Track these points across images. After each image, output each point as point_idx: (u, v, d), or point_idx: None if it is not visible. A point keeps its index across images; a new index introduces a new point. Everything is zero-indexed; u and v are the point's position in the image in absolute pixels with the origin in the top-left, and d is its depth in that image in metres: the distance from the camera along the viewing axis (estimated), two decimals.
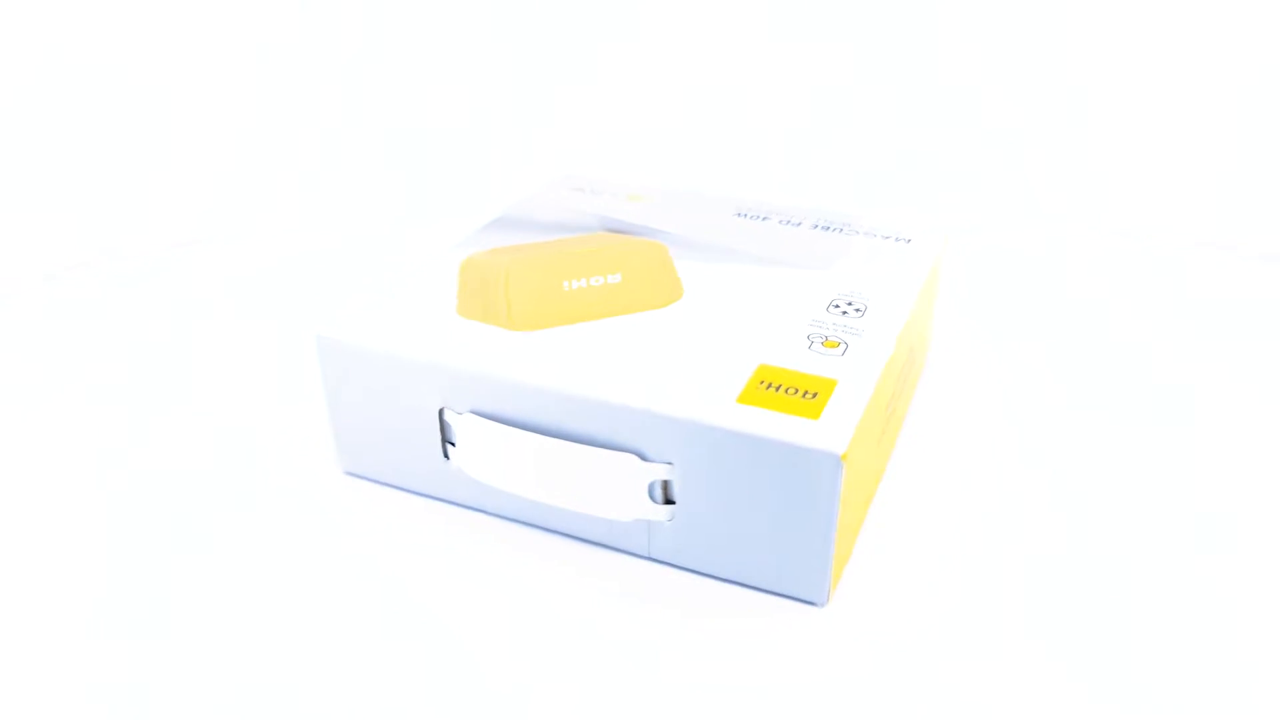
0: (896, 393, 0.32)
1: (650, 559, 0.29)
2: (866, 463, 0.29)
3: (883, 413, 0.30)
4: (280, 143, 0.62)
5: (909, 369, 0.34)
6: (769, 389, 0.27)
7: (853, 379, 0.28)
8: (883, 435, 0.31)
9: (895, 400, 0.32)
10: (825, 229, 0.38)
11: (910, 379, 0.35)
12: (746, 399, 0.27)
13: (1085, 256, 0.50)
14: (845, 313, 0.31)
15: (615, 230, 0.37)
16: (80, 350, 0.41)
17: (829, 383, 0.28)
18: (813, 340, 0.30)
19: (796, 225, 0.38)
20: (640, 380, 0.28)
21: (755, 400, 0.27)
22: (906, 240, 0.37)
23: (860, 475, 0.28)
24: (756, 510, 0.27)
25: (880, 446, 0.31)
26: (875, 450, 0.30)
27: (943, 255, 0.37)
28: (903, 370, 0.32)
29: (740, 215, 0.39)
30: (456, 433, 0.30)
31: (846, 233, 0.37)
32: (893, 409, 0.32)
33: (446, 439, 0.30)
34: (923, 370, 0.39)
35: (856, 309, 0.32)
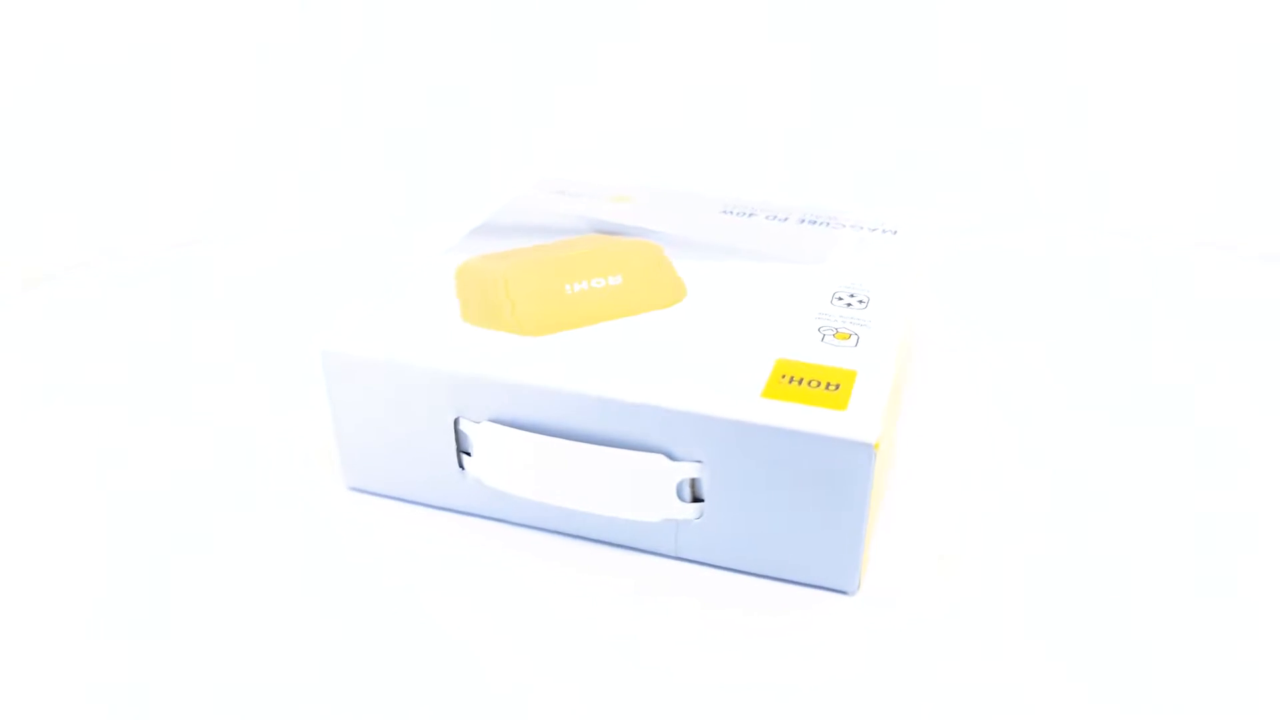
0: (900, 383, 0.32)
1: (677, 558, 0.29)
2: (886, 451, 0.29)
3: (896, 403, 0.30)
4: (279, 143, 0.62)
5: (908, 359, 0.34)
6: (791, 382, 0.28)
7: (870, 369, 0.28)
8: (894, 425, 0.31)
9: (900, 390, 0.32)
10: (812, 223, 0.38)
11: (908, 370, 0.35)
12: (771, 393, 0.27)
13: (1085, 256, 0.50)
14: (849, 305, 0.32)
15: (606, 232, 0.37)
16: (80, 350, 0.41)
17: (849, 374, 0.28)
18: (824, 333, 0.30)
19: (783, 221, 0.39)
20: (662, 380, 0.28)
21: (779, 394, 0.27)
22: (893, 232, 0.38)
23: (882, 463, 0.28)
24: (786, 503, 0.27)
25: (892, 435, 0.31)
26: (890, 439, 0.30)
27: (931, 246, 0.37)
28: (906, 361, 0.33)
29: (726, 213, 0.39)
30: (473, 442, 0.29)
31: (834, 227, 0.38)
32: (897, 399, 0.32)
33: (461, 449, 0.30)
34: (918, 362, 0.39)
35: (860, 301, 0.32)
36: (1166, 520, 0.31)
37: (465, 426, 0.29)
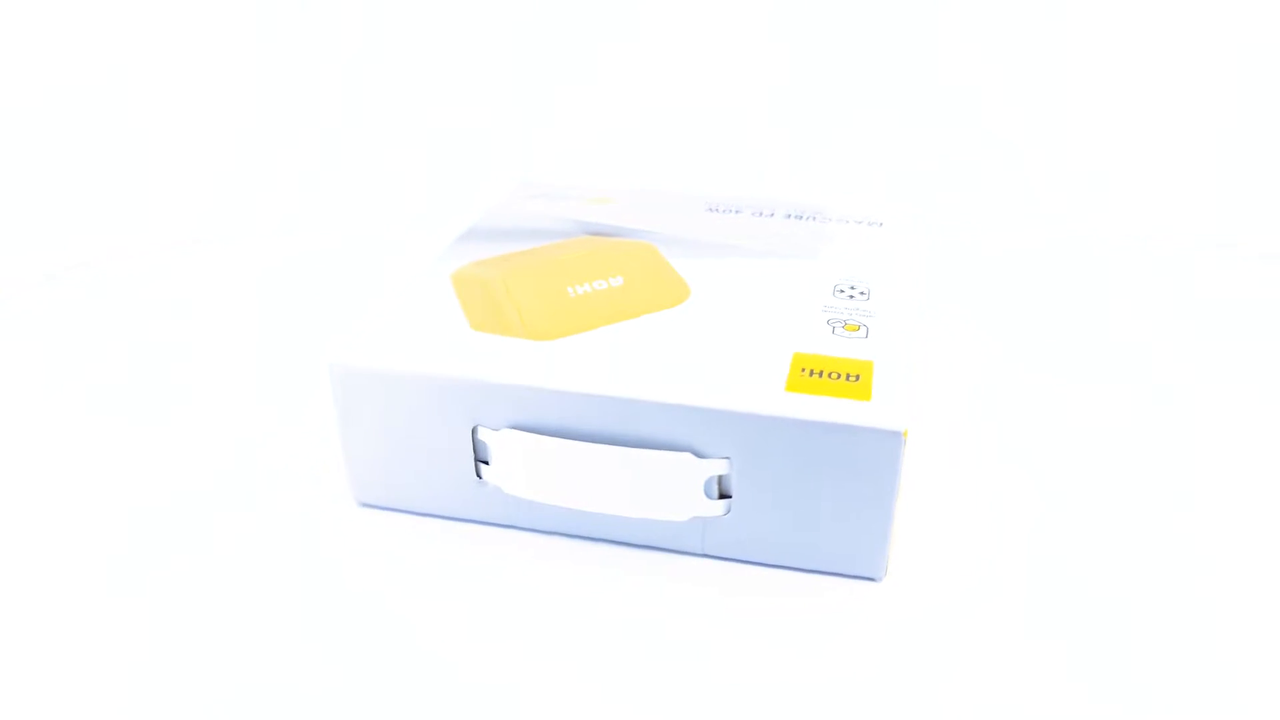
0: None
1: (704, 555, 0.29)
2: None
3: None
4: (279, 143, 0.62)
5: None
6: (811, 375, 0.28)
7: (886, 360, 0.29)
8: None
9: None
10: (799, 218, 0.39)
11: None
12: (794, 387, 0.27)
13: (1085, 256, 0.50)
14: (852, 297, 0.32)
15: (596, 233, 0.37)
16: (80, 351, 0.41)
17: (866, 364, 0.28)
18: (833, 326, 0.31)
19: (769, 216, 0.39)
20: (683, 378, 0.28)
21: (803, 388, 0.27)
22: (879, 224, 0.38)
23: None
24: (815, 494, 0.27)
25: None
26: None
27: (921, 238, 0.38)
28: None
29: (712, 210, 0.40)
30: (492, 450, 0.29)
31: (820, 220, 0.39)
32: None
33: (479, 458, 0.29)
34: (919, 358, 0.39)
35: (861, 293, 0.33)
36: (1166, 520, 0.31)
37: (484, 435, 0.29)
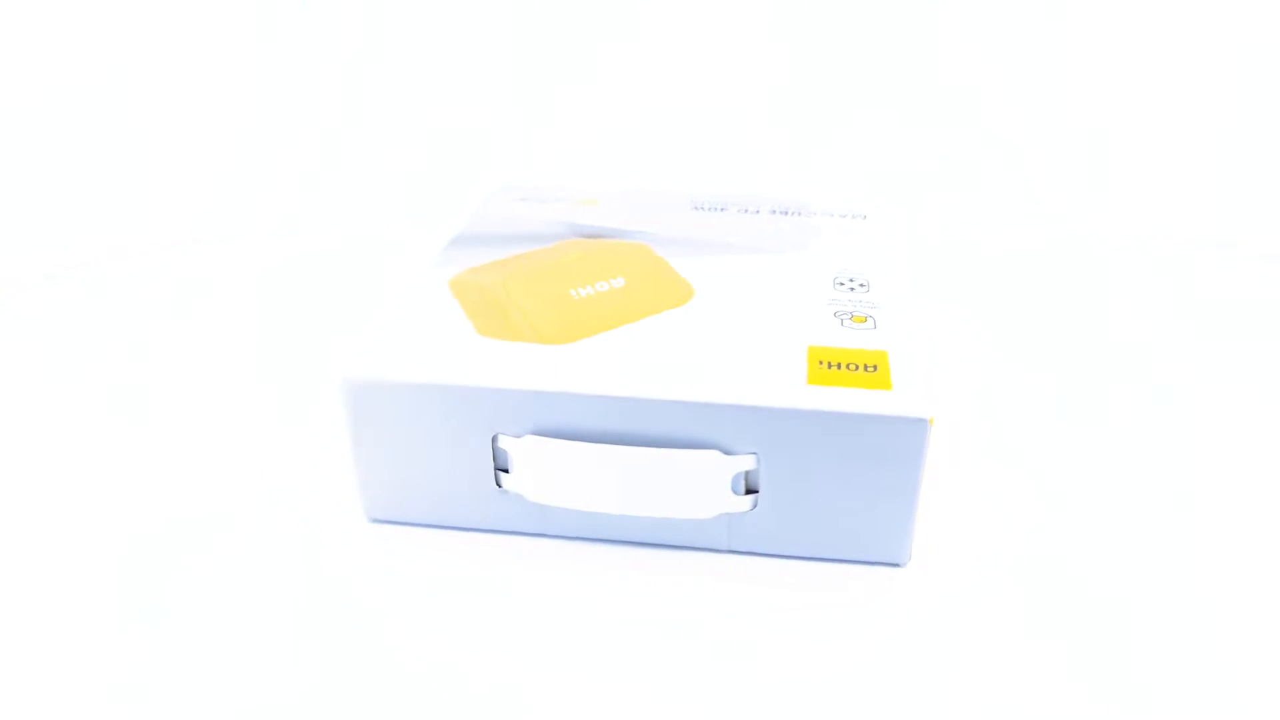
0: None
1: (729, 551, 0.30)
2: None
3: None
4: (278, 144, 0.62)
5: None
6: (829, 368, 0.28)
7: (899, 350, 0.29)
8: None
9: None
10: (784, 213, 0.39)
11: None
12: (815, 380, 0.28)
13: (1085, 256, 0.50)
14: (853, 289, 0.33)
15: (587, 235, 0.37)
16: (80, 352, 0.41)
17: (881, 354, 0.29)
18: (841, 318, 0.31)
19: (755, 213, 0.39)
20: (705, 377, 0.28)
21: (824, 380, 0.28)
22: (863, 217, 0.39)
23: None
24: (840, 484, 0.28)
25: None
26: None
27: (908, 229, 0.38)
28: None
29: (698, 209, 0.40)
30: (513, 457, 0.29)
31: (805, 215, 0.39)
32: None
33: (499, 466, 0.29)
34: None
35: (861, 284, 0.33)
36: (1165, 520, 0.31)
37: (504, 443, 0.28)
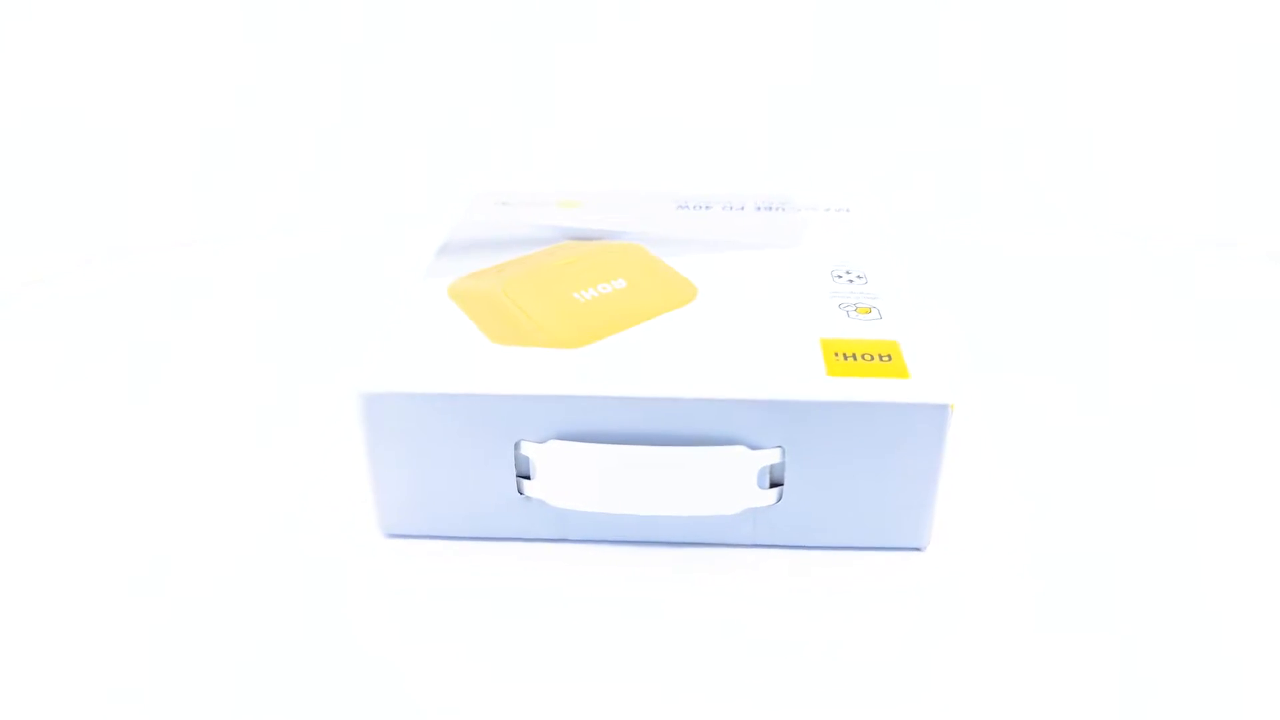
0: None
1: (754, 545, 0.30)
2: None
3: None
4: (278, 144, 0.62)
5: None
6: (846, 359, 0.28)
7: (909, 339, 0.29)
8: None
9: None
10: (769, 209, 0.39)
11: None
12: (835, 371, 0.28)
13: (1085, 256, 0.50)
14: (851, 281, 0.33)
15: (577, 238, 0.37)
16: (80, 351, 0.41)
17: (893, 344, 0.29)
18: (847, 310, 0.31)
19: (740, 210, 0.40)
20: (725, 373, 0.28)
21: (843, 371, 0.28)
22: (846, 210, 0.39)
23: None
24: (863, 473, 0.28)
25: None
26: None
27: (892, 220, 0.39)
28: None
29: (682, 208, 0.40)
30: (537, 463, 0.28)
31: (789, 210, 0.39)
32: None
33: (520, 473, 0.29)
34: None
35: (859, 277, 0.33)
36: (1163, 520, 0.31)
37: (528, 449, 0.28)
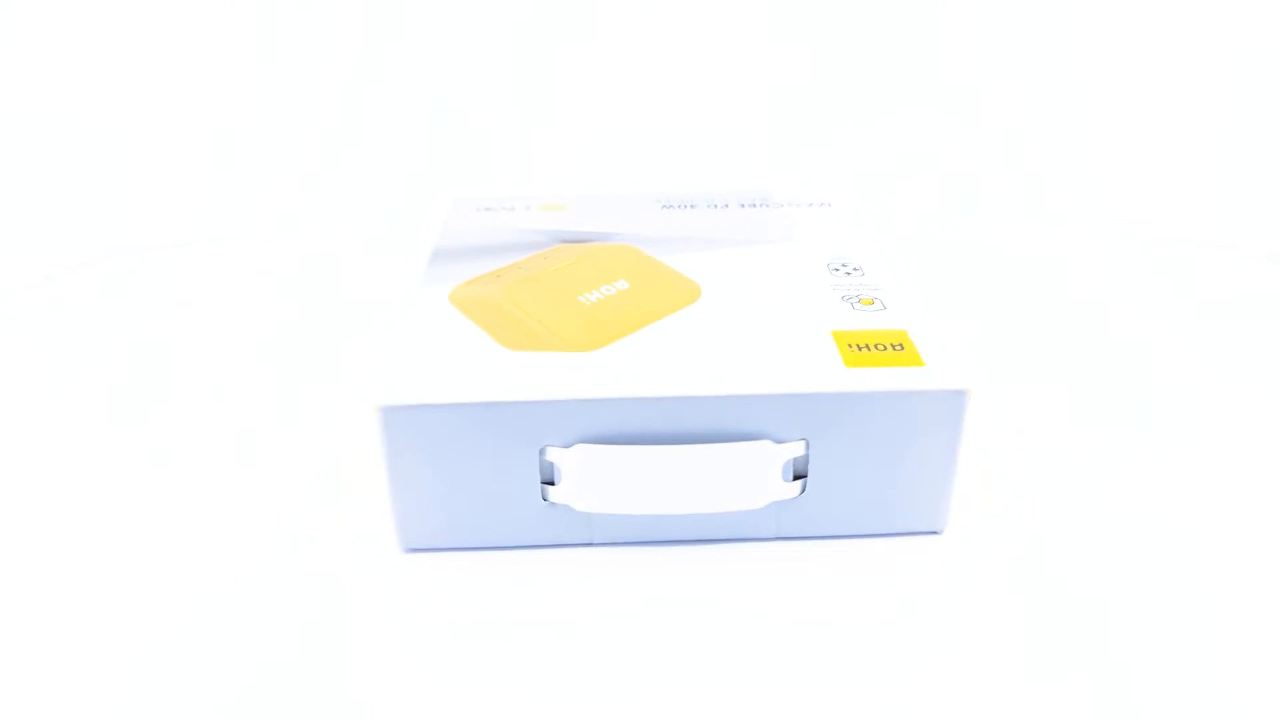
0: None
1: (777, 538, 0.30)
2: None
3: None
4: (277, 144, 0.62)
5: None
6: (861, 350, 0.29)
7: (917, 327, 0.30)
8: None
9: None
10: (752, 206, 0.40)
11: None
12: (853, 362, 0.28)
13: (1085, 256, 0.50)
14: (849, 274, 0.33)
15: (569, 241, 0.37)
16: (80, 351, 0.41)
17: (902, 334, 0.30)
18: (851, 302, 0.32)
19: (725, 208, 0.40)
20: (744, 369, 0.28)
21: (860, 362, 0.28)
22: (828, 205, 0.39)
23: None
24: (884, 460, 0.29)
25: None
26: None
27: (871, 212, 0.39)
28: None
29: (668, 208, 0.40)
30: (563, 468, 0.28)
31: (772, 206, 0.40)
32: None
33: (544, 479, 0.29)
34: None
35: (855, 269, 0.34)
36: (1163, 520, 0.31)
37: (552, 454, 0.28)
